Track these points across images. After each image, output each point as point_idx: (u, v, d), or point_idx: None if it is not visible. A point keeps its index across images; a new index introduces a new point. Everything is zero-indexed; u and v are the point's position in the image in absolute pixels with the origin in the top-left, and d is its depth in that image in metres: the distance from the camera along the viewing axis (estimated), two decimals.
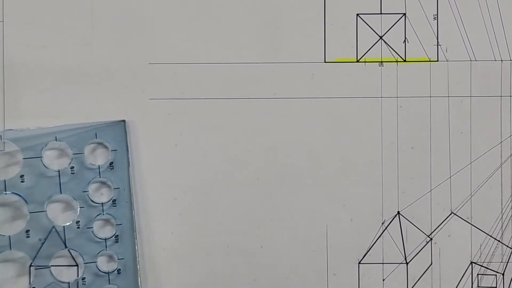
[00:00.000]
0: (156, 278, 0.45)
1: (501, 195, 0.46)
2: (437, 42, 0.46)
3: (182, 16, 0.45)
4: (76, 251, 0.44)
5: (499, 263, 0.46)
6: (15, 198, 0.43)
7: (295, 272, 0.45)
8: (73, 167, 0.44)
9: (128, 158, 0.45)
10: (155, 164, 0.45)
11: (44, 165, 0.44)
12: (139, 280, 0.45)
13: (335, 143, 0.46)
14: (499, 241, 0.46)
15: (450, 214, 0.46)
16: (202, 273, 0.45)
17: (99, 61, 0.45)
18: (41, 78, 0.44)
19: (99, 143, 0.45)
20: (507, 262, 0.45)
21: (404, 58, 0.46)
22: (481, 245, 0.46)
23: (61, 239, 0.44)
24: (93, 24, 0.45)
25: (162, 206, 0.45)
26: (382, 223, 0.46)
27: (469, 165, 0.46)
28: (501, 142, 0.46)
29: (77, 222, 0.44)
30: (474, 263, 0.46)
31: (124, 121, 0.45)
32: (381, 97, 0.46)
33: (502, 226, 0.46)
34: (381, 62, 0.46)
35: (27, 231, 0.43)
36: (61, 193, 0.44)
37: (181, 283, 0.45)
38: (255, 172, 0.45)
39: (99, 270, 0.44)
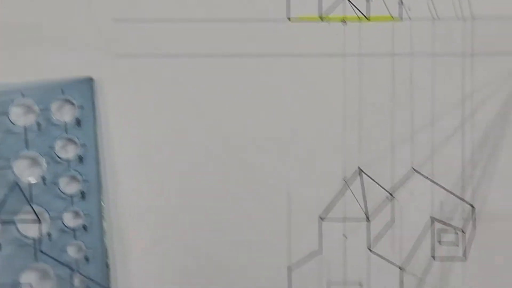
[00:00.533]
0: (122, 235, 0.46)
1: (462, 152, 0.46)
2: (400, 0, 0.46)
3: None
4: (42, 207, 0.45)
5: (460, 220, 0.46)
6: None
7: (257, 230, 0.46)
8: (39, 123, 0.45)
9: (94, 115, 0.46)
10: (122, 122, 0.46)
11: (10, 121, 0.44)
12: (104, 236, 0.45)
13: (298, 100, 0.46)
14: (460, 198, 0.46)
15: (412, 171, 0.46)
16: (168, 231, 0.46)
17: (64, 18, 0.45)
18: (5, 36, 0.45)
19: (66, 100, 0.45)
20: (468, 219, 0.46)
21: (367, 17, 0.46)
22: (442, 202, 0.46)
23: (27, 195, 0.44)
24: None
25: (129, 163, 0.46)
26: (344, 180, 0.46)
27: (431, 122, 0.46)
28: (462, 100, 0.46)
29: (43, 178, 0.45)
30: (435, 219, 0.46)
31: (91, 78, 0.45)
32: (344, 55, 0.46)
33: (463, 183, 0.46)
34: (344, 20, 0.46)
35: None
36: (27, 149, 0.45)
37: (146, 240, 0.46)
38: (222, 131, 0.46)
39: (65, 226, 0.45)
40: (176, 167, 0.46)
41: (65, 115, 0.45)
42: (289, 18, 0.46)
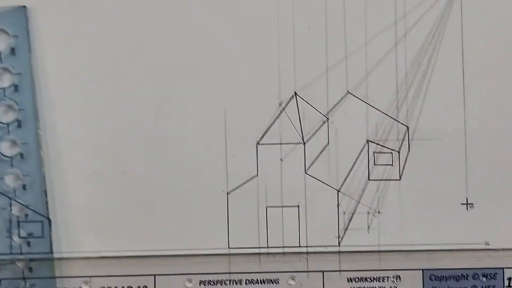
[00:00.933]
0: (60, 163, 0.46)
1: (396, 74, 0.46)
2: None
3: None
4: None
5: (395, 141, 0.46)
6: None
7: (194, 155, 0.46)
8: None
9: (29, 44, 0.45)
10: (57, 51, 0.46)
11: None
12: (42, 165, 0.46)
13: (232, 26, 0.46)
14: (394, 119, 0.46)
15: (346, 93, 0.46)
16: (106, 158, 0.46)
17: None
18: None
19: (0, 29, 0.45)
20: (403, 140, 0.46)
21: None
22: (377, 124, 0.46)
23: None
24: None
25: (65, 92, 0.46)
26: (280, 104, 0.46)
27: (364, 45, 0.46)
28: (395, 22, 0.46)
29: None
30: (370, 141, 0.46)
31: (24, 6, 0.45)
32: None
33: (397, 104, 0.46)
34: None
35: None
36: None
37: (84, 168, 0.46)
38: (157, 58, 0.46)
39: (2, 154, 0.45)
40: (112, 94, 0.46)
41: None
42: None
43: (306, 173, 0.47)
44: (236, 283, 0.47)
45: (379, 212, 0.46)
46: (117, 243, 0.46)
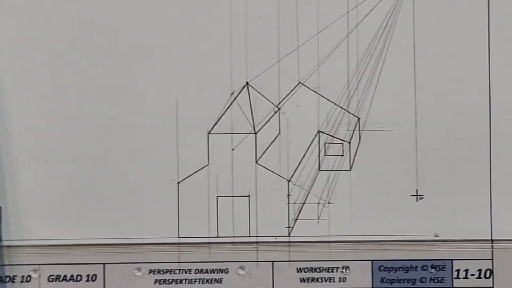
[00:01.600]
0: (9, 151, 0.46)
1: (348, 64, 0.46)
2: None
3: None
4: None
5: (346, 131, 0.46)
6: None
7: (145, 143, 0.46)
8: None
9: None
10: (7, 38, 0.46)
11: None
12: None
13: (184, 15, 0.46)
14: (345, 110, 0.46)
15: (298, 84, 0.46)
16: (55, 147, 0.46)
17: None
18: None
19: None
20: (353, 130, 0.46)
21: None
22: (328, 114, 0.46)
23: None
24: None
25: (15, 79, 0.46)
26: (231, 94, 0.46)
27: (316, 35, 0.46)
28: (347, 13, 0.46)
29: None
30: (321, 132, 0.46)
31: None
32: None
33: (348, 95, 0.46)
34: None
35: None
36: None
37: (34, 157, 0.46)
38: (105, 43, 0.46)
39: None
40: (62, 82, 0.46)
41: None
42: None
43: (257, 163, 0.47)
44: (185, 272, 0.47)
45: (329, 203, 0.46)
46: (67, 232, 0.46)
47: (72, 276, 0.46)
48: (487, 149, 0.46)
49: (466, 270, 0.46)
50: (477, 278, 0.46)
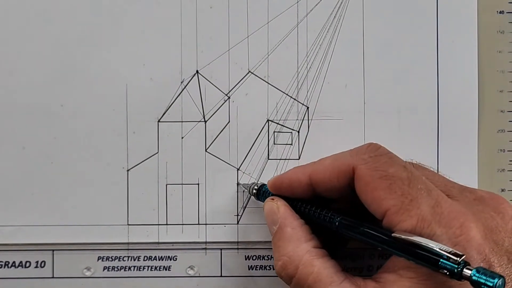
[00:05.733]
0: None
1: (297, 54, 0.47)
2: None
3: None
4: None
5: (295, 120, 0.47)
6: None
7: (95, 130, 0.46)
8: None
9: None
10: None
11: None
12: None
13: (135, 3, 0.46)
14: (294, 99, 0.47)
15: (248, 73, 0.46)
16: (5, 133, 0.46)
17: None
18: None
19: None
20: (302, 119, 0.46)
21: None
22: (277, 104, 0.47)
23: None
24: None
25: None
26: (181, 82, 0.46)
27: (266, 24, 0.46)
28: (297, 2, 0.46)
29: None
30: (270, 121, 0.47)
31: None
32: None
33: (298, 84, 0.47)
34: None
35: None
36: None
37: None
38: (54, 30, 0.46)
39: None
40: (10, 67, 0.46)
41: None
42: None
43: (206, 151, 0.47)
44: (134, 260, 0.47)
45: None
46: (16, 217, 0.46)
47: (21, 262, 0.46)
48: (435, 138, 0.46)
49: None
50: None
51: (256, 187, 0.44)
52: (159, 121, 0.47)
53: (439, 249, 0.32)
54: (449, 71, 0.46)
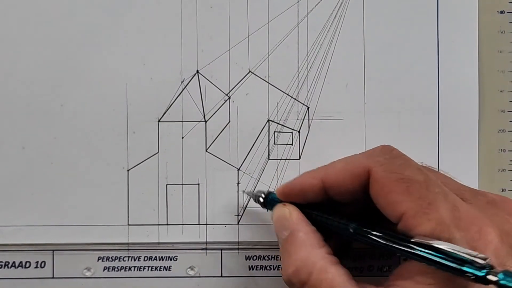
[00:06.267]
0: None
1: (298, 54, 0.47)
2: None
3: None
4: None
5: (295, 120, 0.47)
6: None
7: (95, 130, 0.46)
8: None
9: None
10: None
11: None
12: None
13: (135, 3, 0.46)
14: (295, 99, 0.47)
15: (248, 73, 0.46)
16: (5, 133, 0.46)
17: None
18: None
19: None
20: (303, 119, 0.46)
21: None
22: (278, 103, 0.47)
23: None
24: None
25: None
26: (182, 82, 0.46)
27: (267, 24, 0.46)
28: (298, 2, 0.46)
29: None
30: (271, 120, 0.46)
31: None
32: None
33: (298, 84, 0.47)
34: None
35: None
36: None
37: None
38: (54, 30, 0.46)
39: None
40: (10, 67, 0.46)
41: None
42: None
43: (207, 151, 0.47)
44: (134, 260, 0.47)
45: None
46: (16, 217, 0.46)
47: (21, 262, 0.46)
48: (435, 139, 0.46)
49: None
50: None
51: (263, 195, 0.43)
52: (159, 121, 0.47)
53: (464, 253, 0.32)
54: (450, 71, 0.46)
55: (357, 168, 0.37)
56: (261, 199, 0.43)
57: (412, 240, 0.33)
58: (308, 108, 0.47)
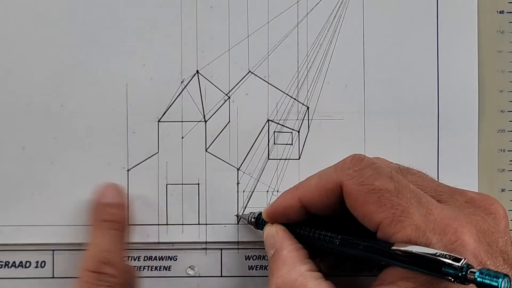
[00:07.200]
0: None
1: (297, 54, 0.47)
2: None
3: None
4: None
5: (295, 120, 0.47)
6: None
7: (95, 130, 0.46)
8: None
9: None
10: None
11: None
12: None
13: (135, 3, 0.46)
14: (295, 99, 0.47)
15: (248, 73, 0.46)
16: (5, 133, 0.46)
17: None
18: None
19: None
20: (302, 119, 0.46)
21: None
22: (277, 103, 0.47)
23: None
24: None
25: None
26: (182, 82, 0.46)
27: (266, 24, 0.46)
28: (297, 2, 0.46)
29: None
30: (270, 120, 0.47)
31: None
32: None
33: (298, 84, 0.47)
34: None
35: None
36: None
37: None
38: (54, 30, 0.46)
39: None
40: (11, 67, 0.46)
41: None
42: None
43: (206, 151, 0.47)
44: (134, 260, 0.47)
45: (278, 191, 0.47)
46: (16, 217, 0.46)
47: (20, 262, 0.46)
48: (435, 139, 0.46)
49: None
50: None
51: (254, 217, 0.44)
52: (159, 121, 0.47)
53: (440, 256, 0.32)
54: (449, 71, 0.46)
55: (330, 184, 0.37)
56: (253, 219, 0.43)
57: (391, 248, 0.34)
58: (308, 108, 0.47)
